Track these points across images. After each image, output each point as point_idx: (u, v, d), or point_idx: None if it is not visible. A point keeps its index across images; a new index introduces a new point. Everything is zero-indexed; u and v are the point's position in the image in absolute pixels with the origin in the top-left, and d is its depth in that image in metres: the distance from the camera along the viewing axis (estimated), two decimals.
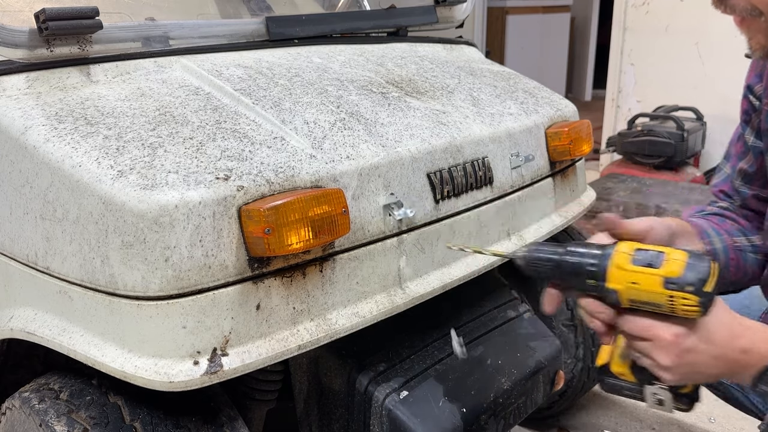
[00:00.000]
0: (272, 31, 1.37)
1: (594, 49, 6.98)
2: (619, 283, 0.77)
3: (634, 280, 0.76)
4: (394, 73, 1.39)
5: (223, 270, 0.87)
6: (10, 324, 1.02)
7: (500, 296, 1.50)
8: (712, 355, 0.80)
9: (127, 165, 0.88)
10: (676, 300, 0.75)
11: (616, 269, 0.77)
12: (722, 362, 0.81)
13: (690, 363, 0.80)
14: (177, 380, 0.85)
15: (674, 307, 0.75)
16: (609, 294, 0.78)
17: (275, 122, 1.06)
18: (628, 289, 0.77)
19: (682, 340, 0.78)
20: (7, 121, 0.96)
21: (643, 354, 0.82)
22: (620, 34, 3.98)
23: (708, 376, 0.83)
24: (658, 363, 0.80)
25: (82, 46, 1.07)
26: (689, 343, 0.79)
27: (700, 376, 0.83)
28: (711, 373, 0.82)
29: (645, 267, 0.76)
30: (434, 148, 1.16)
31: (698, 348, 0.79)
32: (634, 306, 0.78)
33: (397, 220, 1.07)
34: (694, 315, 0.76)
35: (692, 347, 0.79)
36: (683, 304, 0.75)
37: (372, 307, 1.04)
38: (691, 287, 0.74)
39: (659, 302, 0.76)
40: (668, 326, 0.79)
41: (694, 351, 0.79)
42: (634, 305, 0.78)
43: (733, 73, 3.53)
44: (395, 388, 1.15)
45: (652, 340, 0.79)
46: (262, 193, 0.91)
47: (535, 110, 1.44)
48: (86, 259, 0.89)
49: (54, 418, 0.94)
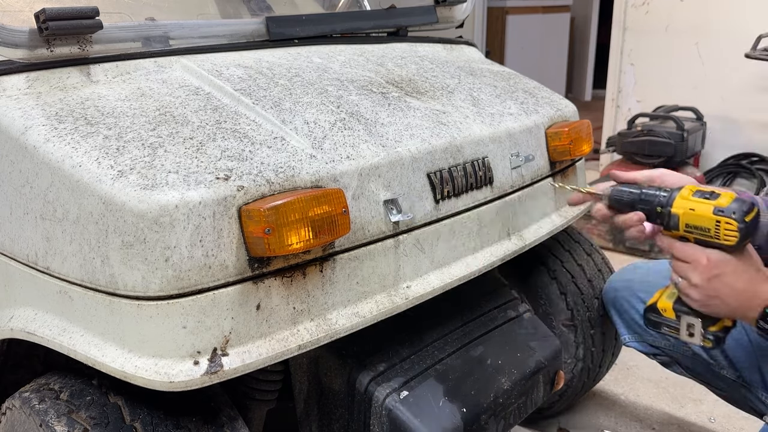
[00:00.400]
0: (272, 31, 1.37)
1: (594, 49, 6.98)
2: (680, 208, 1.02)
3: (692, 206, 1.01)
4: (394, 73, 1.39)
5: (223, 270, 0.87)
6: (10, 324, 1.02)
7: (500, 296, 1.50)
8: (734, 287, 1.00)
9: (128, 165, 0.88)
10: (721, 224, 0.98)
11: (680, 198, 1.02)
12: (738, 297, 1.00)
13: (715, 287, 1.01)
14: (177, 380, 0.85)
15: (719, 231, 0.98)
16: (671, 218, 1.03)
17: (275, 122, 1.06)
18: (686, 213, 1.01)
19: (714, 265, 1.00)
20: (7, 121, 0.96)
21: (681, 274, 1.04)
22: (620, 34, 3.98)
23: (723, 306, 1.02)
24: (690, 281, 1.02)
25: (82, 46, 1.07)
26: (719, 269, 1.00)
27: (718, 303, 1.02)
28: (728, 304, 1.01)
29: (702, 198, 1.01)
30: (434, 148, 1.16)
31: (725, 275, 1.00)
32: (687, 230, 1.02)
33: (397, 221, 1.07)
34: (732, 240, 0.98)
35: (721, 273, 1.00)
36: (726, 229, 0.97)
37: (372, 307, 1.04)
38: (734, 215, 0.97)
39: (708, 226, 0.99)
40: (707, 251, 1.01)
41: (721, 277, 1.00)
42: (687, 230, 1.02)
43: (733, 73, 3.54)
44: (395, 388, 1.15)
45: (691, 262, 1.02)
46: (262, 193, 0.91)
47: (535, 110, 1.44)
48: (86, 259, 0.89)
49: (54, 418, 0.94)
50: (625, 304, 1.48)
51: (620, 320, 1.51)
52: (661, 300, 1.12)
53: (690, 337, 1.08)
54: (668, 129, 3.39)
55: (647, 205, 1.06)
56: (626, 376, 2.07)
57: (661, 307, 1.11)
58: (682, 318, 1.09)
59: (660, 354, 1.47)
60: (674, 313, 1.09)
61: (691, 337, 1.08)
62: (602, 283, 1.63)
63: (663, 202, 1.04)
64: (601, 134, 4.15)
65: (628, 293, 1.47)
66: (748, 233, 0.98)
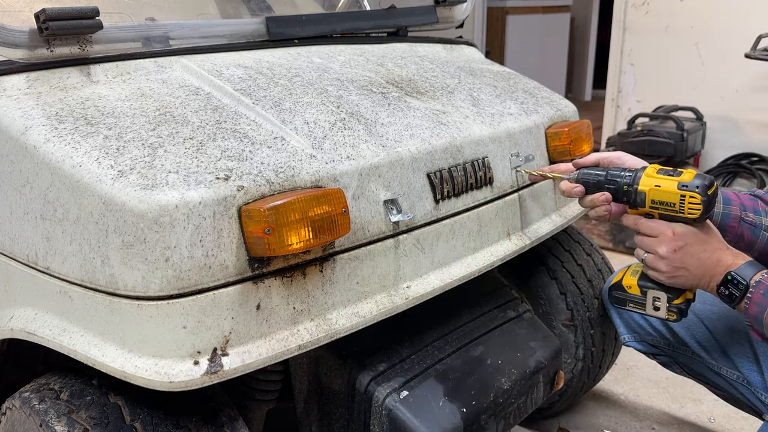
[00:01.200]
0: (272, 31, 1.37)
1: (594, 49, 6.97)
2: (646, 185, 1.08)
3: (657, 183, 1.07)
4: (394, 73, 1.39)
5: (223, 270, 0.87)
6: (11, 324, 1.02)
7: (500, 296, 1.50)
8: (698, 257, 1.07)
9: (128, 165, 0.88)
10: (685, 199, 1.04)
11: (646, 176, 1.08)
12: (702, 265, 1.07)
13: (681, 258, 1.07)
14: (177, 380, 0.85)
15: (683, 205, 1.05)
16: (638, 195, 1.09)
17: (275, 122, 1.06)
18: (652, 190, 1.07)
19: (679, 237, 1.07)
20: (7, 121, 0.96)
21: (648, 248, 1.10)
22: (620, 34, 3.98)
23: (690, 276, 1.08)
24: (658, 253, 1.08)
25: (82, 46, 1.07)
26: (684, 240, 1.06)
27: (685, 273, 1.08)
28: (693, 273, 1.07)
29: (666, 175, 1.07)
30: (434, 148, 1.16)
31: (690, 246, 1.07)
32: (652, 207, 1.08)
33: (397, 221, 1.07)
34: (696, 213, 1.04)
35: (685, 244, 1.06)
36: (690, 203, 1.04)
37: (372, 307, 1.04)
38: (697, 189, 1.03)
39: (673, 201, 1.06)
40: (672, 225, 1.07)
41: (686, 247, 1.07)
42: (653, 206, 1.08)
43: (733, 73, 3.54)
44: (395, 388, 1.15)
45: (658, 236, 1.08)
46: (262, 193, 0.91)
47: (535, 110, 1.44)
48: (86, 259, 0.89)
49: (54, 418, 0.94)
50: None
51: (620, 320, 1.51)
52: (625, 278, 1.17)
53: (656, 311, 1.13)
54: (668, 129, 3.39)
55: (613, 185, 1.11)
56: (626, 376, 2.07)
57: (626, 284, 1.16)
58: (647, 293, 1.14)
59: (660, 354, 1.47)
60: (639, 289, 1.15)
61: (657, 311, 1.13)
62: (602, 283, 1.63)
63: (629, 181, 1.09)
64: (601, 134, 4.15)
65: None
66: (710, 206, 1.05)
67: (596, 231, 3.15)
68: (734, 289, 1.04)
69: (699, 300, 1.38)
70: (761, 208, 1.23)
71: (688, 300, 1.13)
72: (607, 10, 5.11)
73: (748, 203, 1.22)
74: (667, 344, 1.43)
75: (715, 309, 1.36)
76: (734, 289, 1.04)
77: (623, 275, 1.18)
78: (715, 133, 3.66)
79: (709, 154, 3.71)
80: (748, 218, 1.20)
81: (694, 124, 3.49)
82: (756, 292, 1.03)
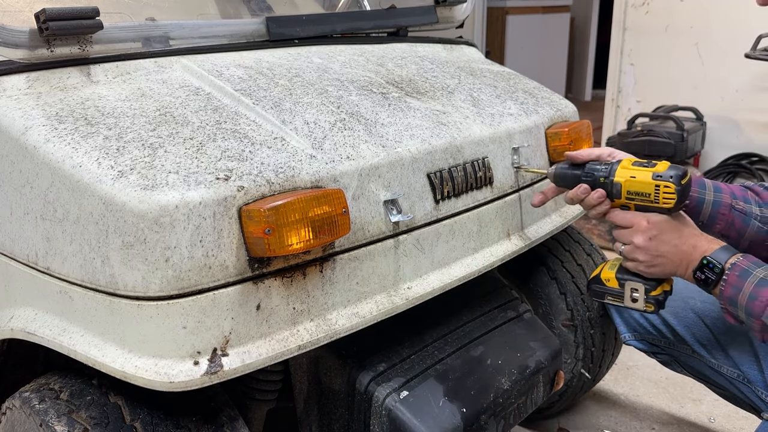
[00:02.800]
0: (272, 31, 1.37)
1: (594, 49, 6.97)
2: (622, 177, 1.10)
3: (633, 174, 1.09)
4: (395, 74, 1.39)
5: (223, 270, 0.87)
6: (11, 324, 1.02)
7: (500, 296, 1.50)
8: (674, 244, 1.09)
9: (128, 165, 0.88)
10: (660, 188, 1.07)
11: (621, 168, 1.11)
12: (679, 252, 1.08)
13: (657, 246, 1.09)
14: (177, 380, 0.85)
15: (658, 195, 1.07)
16: (614, 187, 1.11)
17: (275, 122, 1.06)
18: (628, 181, 1.10)
19: (654, 226, 1.09)
20: (7, 122, 0.96)
21: (625, 240, 1.12)
22: (620, 34, 3.98)
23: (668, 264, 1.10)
24: (635, 243, 1.10)
25: (82, 46, 1.07)
26: (659, 228, 1.09)
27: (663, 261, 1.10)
28: (671, 260, 1.09)
29: (641, 167, 1.10)
30: (434, 148, 1.16)
31: (665, 233, 1.09)
32: (628, 198, 1.11)
33: (397, 222, 1.07)
34: (671, 202, 1.07)
35: (660, 232, 1.08)
36: (665, 193, 1.07)
37: (372, 307, 1.04)
38: (671, 179, 1.06)
39: (648, 191, 1.08)
40: (647, 215, 1.10)
41: (661, 235, 1.09)
42: (628, 197, 1.11)
43: (733, 73, 3.54)
44: (395, 388, 1.15)
45: (633, 226, 1.11)
46: (262, 194, 0.91)
47: (535, 110, 1.44)
48: (86, 259, 0.89)
49: (54, 418, 0.94)
50: None
51: (620, 319, 1.51)
52: (604, 271, 1.19)
53: (634, 302, 1.15)
54: (668, 129, 3.39)
55: (590, 178, 1.14)
56: (626, 376, 2.07)
57: (605, 278, 1.18)
58: (625, 285, 1.15)
59: (660, 352, 1.47)
60: (617, 282, 1.17)
61: (635, 303, 1.15)
62: None
63: (605, 174, 1.12)
64: (601, 134, 4.15)
65: None
66: (684, 196, 1.08)
67: (596, 231, 3.15)
68: (710, 273, 1.06)
69: (699, 299, 1.39)
70: (751, 197, 1.24)
71: (666, 291, 1.15)
72: (607, 10, 5.11)
73: (738, 192, 1.23)
74: (667, 343, 1.43)
75: (714, 307, 1.36)
76: (710, 273, 1.06)
77: (601, 269, 1.20)
78: (715, 133, 3.66)
79: (709, 154, 3.71)
80: (738, 206, 1.21)
81: (694, 124, 3.49)
82: (731, 274, 1.04)
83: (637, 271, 1.13)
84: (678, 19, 3.73)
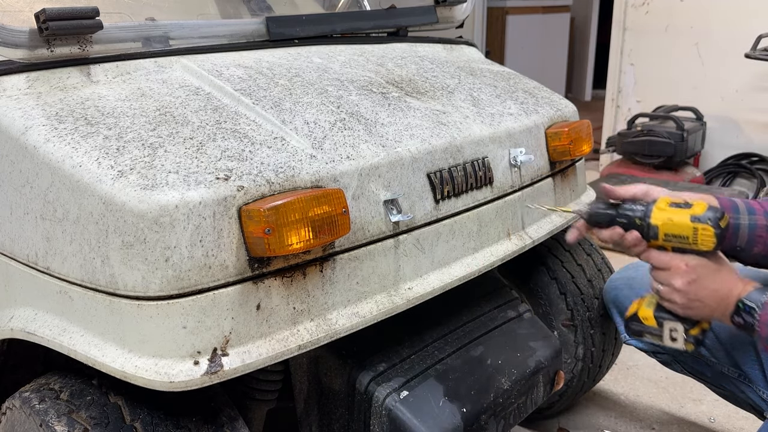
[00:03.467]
0: (272, 31, 1.37)
1: (594, 49, 6.98)
2: (659, 219, 1.08)
3: (670, 216, 1.07)
4: (395, 73, 1.39)
5: (223, 270, 0.87)
6: (11, 324, 1.02)
7: (500, 296, 1.50)
8: (712, 289, 1.06)
9: (128, 165, 0.88)
10: (698, 231, 1.05)
11: (658, 210, 1.08)
12: (717, 297, 1.06)
13: (695, 290, 1.07)
14: (177, 380, 0.85)
15: (697, 237, 1.05)
16: (651, 229, 1.08)
17: (275, 122, 1.06)
18: (665, 224, 1.07)
19: (692, 269, 1.07)
20: (7, 122, 0.96)
21: (662, 281, 1.10)
22: (620, 34, 3.99)
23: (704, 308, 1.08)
24: (673, 286, 1.08)
25: (82, 46, 1.07)
26: (698, 272, 1.06)
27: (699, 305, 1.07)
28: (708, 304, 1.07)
29: (678, 208, 1.07)
30: (434, 148, 1.16)
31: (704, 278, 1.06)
32: (665, 240, 1.08)
33: (397, 221, 1.07)
34: (709, 245, 1.05)
35: (699, 276, 1.06)
36: (703, 235, 1.04)
37: (372, 307, 1.04)
38: (710, 221, 1.04)
39: (686, 234, 1.06)
40: (685, 257, 1.07)
41: (700, 279, 1.07)
42: (666, 239, 1.08)
43: (733, 73, 3.54)
44: (395, 388, 1.15)
45: (671, 268, 1.08)
46: (262, 194, 0.91)
47: (535, 110, 1.44)
48: (86, 259, 0.89)
49: (54, 418, 0.94)
50: (626, 302, 1.48)
51: (621, 318, 1.51)
52: (641, 309, 1.17)
53: (673, 342, 1.13)
54: (668, 129, 3.39)
55: (626, 219, 1.11)
56: (626, 376, 2.07)
57: (642, 316, 1.16)
58: (664, 324, 1.13)
59: (660, 352, 1.47)
60: (655, 321, 1.14)
61: (674, 342, 1.13)
62: (602, 283, 1.63)
63: (641, 215, 1.09)
64: (601, 134, 4.15)
65: (630, 291, 1.47)
66: (722, 237, 1.06)
67: None
68: (747, 316, 1.04)
69: None
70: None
71: (704, 330, 1.13)
72: (607, 10, 5.12)
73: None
74: None
75: None
76: (747, 317, 1.04)
77: (638, 307, 1.18)
78: (715, 133, 3.66)
79: (709, 154, 3.71)
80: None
81: (694, 124, 3.49)
82: (764, 314, 1.02)
83: (674, 311, 1.12)
84: (678, 19, 3.73)
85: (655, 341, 1.16)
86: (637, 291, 1.46)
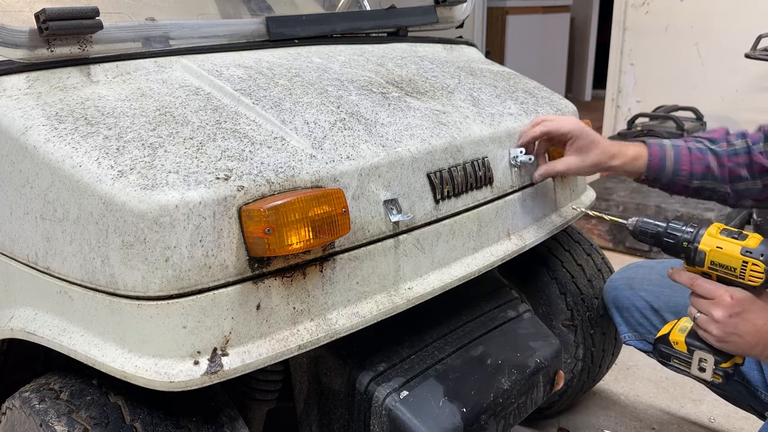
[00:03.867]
0: (272, 31, 1.37)
1: (594, 49, 6.98)
2: (708, 246, 1.04)
3: (720, 245, 1.03)
4: (394, 73, 1.39)
5: (223, 270, 0.87)
6: (11, 324, 1.02)
7: (500, 296, 1.50)
8: (756, 325, 1.01)
9: (128, 165, 0.88)
10: (748, 265, 1.01)
11: (708, 236, 1.05)
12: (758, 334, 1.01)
13: (736, 324, 1.02)
14: (177, 380, 0.85)
15: (745, 271, 1.01)
16: (697, 254, 1.06)
17: (275, 122, 1.06)
18: (713, 251, 1.04)
19: (738, 303, 1.02)
20: (7, 121, 0.96)
21: (702, 309, 1.05)
22: (620, 34, 3.99)
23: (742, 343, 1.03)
24: (712, 316, 1.03)
25: (82, 46, 1.07)
26: (742, 307, 1.01)
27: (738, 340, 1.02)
28: (747, 341, 1.02)
29: (730, 238, 1.03)
30: (434, 148, 1.16)
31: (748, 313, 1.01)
32: (711, 268, 1.05)
33: (397, 221, 1.07)
34: (758, 281, 1.01)
35: (743, 311, 1.01)
36: (753, 270, 1.01)
37: (372, 307, 1.04)
38: (762, 257, 1.00)
39: (734, 266, 1.02)
40: (730, 289, 1.03)
41: (743, 314, 1.01)
42: (711, 267, 1.05)
43: (733, 73, 3.54)
44: (395, 388, 1.15)
45: (715, 298, 1.03)
46: (262, 193, 0.91)
47: (535, 110, 1.44)
48: (86, 259, 0.89)
49: (54, 418, 0.94)
50: (626, 302, 1.48)
51: (621, 318, 1.51)
52: (673, 332, 1.13)
53: (701, 372, 1.08)
54: (668, 129, 3.39)
55: (672, 239, 1.09)
56: (626, 376, 2.07)
57: (673, 340, 1.12)
58: (695, 353, 1.09)
59: None
60: (686, 347, 1.10)
61: (702, 372, 1.08)
62: (602, 283, 1.63)
63: (689, 238, 1.06)
64: (601, 134, 4.15)
65: (630, 291, 1.47)
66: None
67: (596, 231, 3.15)
68: None
69: None
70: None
71: (737, 365, 1.09)
72: (607, 10, 5.12)
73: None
74: None
75: None
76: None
77: (671, 329, 1.14)
78: None
79: None
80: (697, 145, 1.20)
81: (694, 124, 3.49)
82: None
83: (708, 341, 1.07)
84: (678, 19, 3.73)
85: (683, 368, 1.11)
86: (637, 292, 1.46)
